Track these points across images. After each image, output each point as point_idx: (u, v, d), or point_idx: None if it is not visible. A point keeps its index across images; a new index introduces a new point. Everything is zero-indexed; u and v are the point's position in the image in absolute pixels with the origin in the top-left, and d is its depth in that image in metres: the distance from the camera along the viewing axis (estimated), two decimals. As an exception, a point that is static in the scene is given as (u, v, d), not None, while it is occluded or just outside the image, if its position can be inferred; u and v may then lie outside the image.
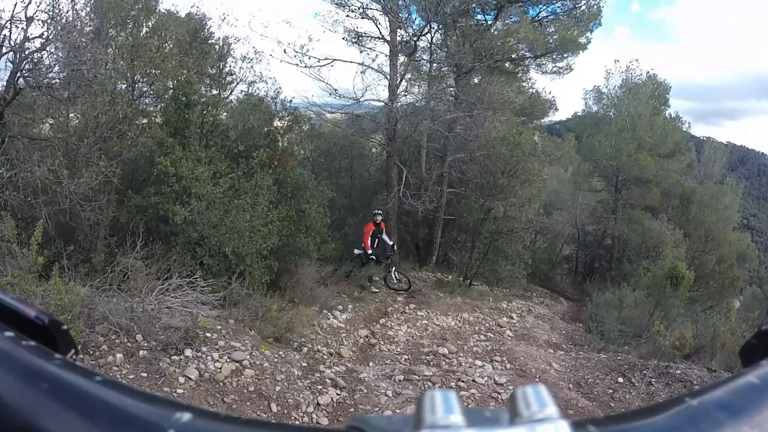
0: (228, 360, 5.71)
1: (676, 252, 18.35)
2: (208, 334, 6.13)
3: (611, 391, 7.43)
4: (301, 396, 5.76)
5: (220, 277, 8.18)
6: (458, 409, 0.39)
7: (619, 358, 8.88)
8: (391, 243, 12.36)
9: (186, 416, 0.38)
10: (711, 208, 23.91)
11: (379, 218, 12.25)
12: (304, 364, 6.76)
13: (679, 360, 8.98)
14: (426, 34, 15.51)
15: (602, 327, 11.63)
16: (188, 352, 5.52)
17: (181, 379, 5.08)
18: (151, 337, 5.51)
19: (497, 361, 8.25)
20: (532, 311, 13.48)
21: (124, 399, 0.39)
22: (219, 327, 6.51)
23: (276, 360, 6.28)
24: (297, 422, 5.26)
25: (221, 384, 5.31)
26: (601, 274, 21.74)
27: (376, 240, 12.00)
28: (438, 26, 15.70)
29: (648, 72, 23.25)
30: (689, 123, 26.79)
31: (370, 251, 11.97)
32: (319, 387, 6.25)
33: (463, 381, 7.03)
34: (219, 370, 5.46)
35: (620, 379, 7.77)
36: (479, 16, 16.36)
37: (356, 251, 12.10)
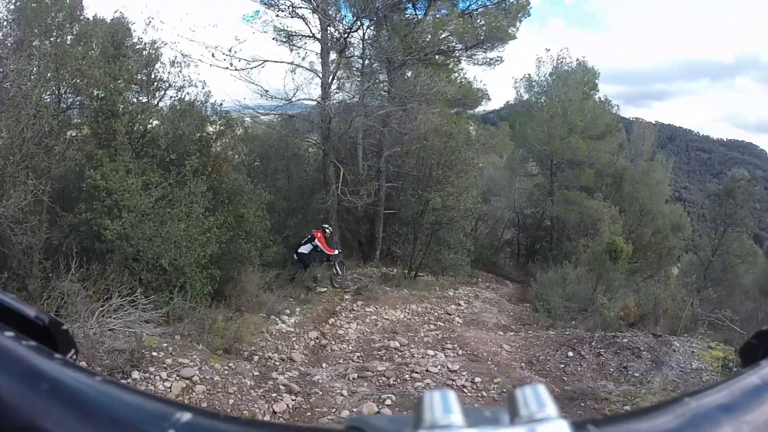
0: (177, 378, 5.56)
1: (614, 228, 18.95)
2: (155, 353, 5.95)
3: (562, 365, 7.67)
4: (255, 406, 5.69)
5: (161, 292, 7.95)
6: (458, 409, 0.40)
7: (567, 333, 9.14)
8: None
9: (186, 416, 0.38)
10: (643, 184, 24.84)
11: (329, 232, 12.73)
12: (256, 373, 6.67)
13: (625, 329, 9.31)
14: (356, 30, 15.53)
15: (548, 305, 11.96)
16: (136, 375, 5.36)
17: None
18: (96, 362, 5.30)
19: (449, 349, 8.36)
20: (479, 296, 13.71)
21: (124, 399, 0.39)
22: (165, 344, 6.32)
23: (226, 372, 6.17)
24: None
25: (171, 403, 5.20)
26: (543, 255, 22.20)
27: (315, 248, 12.09)
28: (369, 22, 15.73)
29: (578, 59, 23.91)
30: (618, 106, 27.73)
31: (336, 252, 12.46)
32: (274, 395, 6.18)
33: (416, 372, 7.08)
34: (169, 390, 5.31)
35: (570, 353, 8.01)
36: (409, 11, 16.44)
37: (302, 250, 12.03)
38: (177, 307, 7.70)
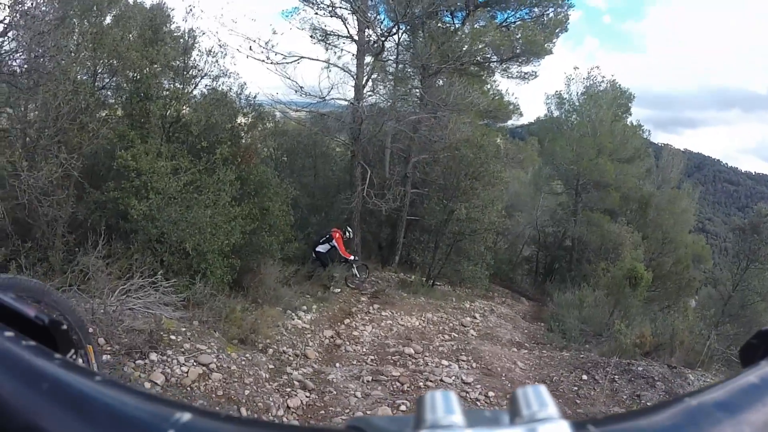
0: (195, 363, 5.57)
1: (635, 253, 18.70)
2: (173, 337, 5.98)
3: (576, 388, 7.57)
4: (270, 399, 5.69)
5: (182, 276, 8.01)
6: (458, 409, 0.40)
7: (581, 356, 9.04)
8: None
9: (186, 416, 0.38)
10: (668, 212, 24.50)
11: (349, 235, 12.75)
12: (271, 366, 6.68)
13: (640, 357, 9.18)
14: (393, 34, 15.54)
15: (564, 326, 11.84)
16: (153, 356, 5.36)
17: (147, 385, 4.92)
18: (114, 340, 5.33)
19: (463, 361, 8.32)
20: (495, 311, 13.62)
21: (124, 399, 0.39)
22: (183, 329, 6.35)
23: (243, 362, 6.18)
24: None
25: (188, 389, 5.17)
26: (561, 275, 22.04)
27: (332, 247, 12.09)
28: (406, 27, 15.74)
29: (609, 79, 23.63)
30: (649, 130, 27.37)
31: (352, 257, 12.33)
32: (288, 389, 6.19)
33: (431, 381, 7.08)
34: (186, 375, 5.32)
35: (584, 377, 7.92)
36: (447, 19, 16.45)
37: (320, 249, 12.02)
38: (197, 292, 7.73)
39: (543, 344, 11.07)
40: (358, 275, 12.55)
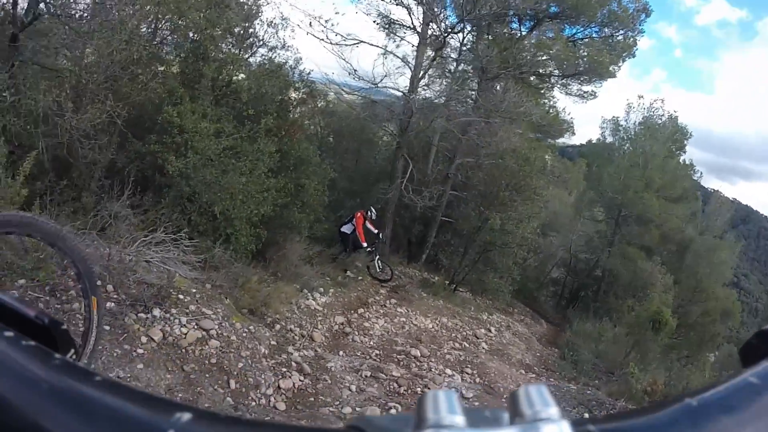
0: (195, 327, 5.56)
1: (664, 297, 18.27)
2: (181, 296, 5.97)
3: (575, 426, 7.32)
4: (263, 376, 5.64)
5: (207, 237, 8.04)
6: (459, 409, 0.38)
7: (588, 392, 8.81)
8: (377, 232, 12.21)
9: (186, 416, 0.37)
10: (706, 260, 23.89)
11: (373, 216, 12.23)
12: (273, 343, 6.64)
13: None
14: (458, 32, 15.39)
15: (577, 356, 11.61)
16: (156, 312, 5.36)
17: (144, 339, 4.92)
18: (122, 289, 5.33)
19: (467, 374, 8.19)
20: (511, 328, 13.42)
21: (123, 399, 0.38)
22: (194, 290, 6.35)
23: (244, 334, 6.15)
24: (253, 403, 5.14)
25: (183, 350, 5.16)
26: (585, 304, 21.72)
27: (354, 228, 11.83)
28: (471, 27, 15.54)
29: (670, 113, 23.09)
30: (701, 173, 26.70)
31: (365, 244, 11.80)
32: (284, 369, 6.14)
33: (429, 388, 6.91)
34: (184, 336, 5.31)
35: (586, 415, 7.67)
36: (514, 25, 16.18)
37: (344, 229, 11.86)
38: (216, 256, 7.71)
39: (552, 371, 10.84)
40: (380, 268, 12.35)
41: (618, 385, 9.92)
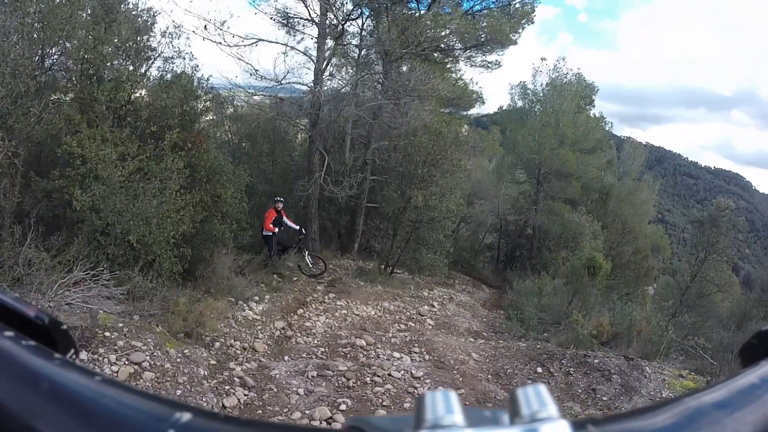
0: (126, 362, 5.32)
1: (594, 243, 18.93)
2: (108, 333, 5.69)
3: (530, 381, 7.44)
4: (204, 399, 5.44)
5: (128, 268, 7.70)
6: (458, 409, 0.39)
7: (538, 346, 8.96)
8: (299, 227, 11.99)
9: (186, 416, 0.37)
10: (628, 203, 25.13)
11: (280, 205, 11.79)
12: (213, 362, 6.43)
13: (597, 347, 9.16)
14: (356, 18, 15.29)
15: (522, 314, 11.86)
16: (84, 355, 5.11)
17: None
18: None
19: (415, 353, 8.17)
20: (454, 299, 13.58)
21: (123, 399, 0.38)
22: (121, 325, 6.06)
23: (179, 360, 5.90)
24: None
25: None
26: (522, 263, 22.30)
27: (281, 226, 11.60)
28: (369, 12, 15.50)
29: (575, 72, 23.92)
30: (612, 123, 27.82)
31: (272, 233, 11.44)
32: (227, 387, 5.95)
33: (378, 376, 6.86)
34: (115, 375, 5.06)
35: (539, 369, 7.85)
36: (412, 5, 16.19)
37: (265, 233, 11.64)
38: (138, 285, 7.42)
39: (501, 333, 11.03)
40: (311, 263, 12.21)
41: (566, 334, 10.14)
